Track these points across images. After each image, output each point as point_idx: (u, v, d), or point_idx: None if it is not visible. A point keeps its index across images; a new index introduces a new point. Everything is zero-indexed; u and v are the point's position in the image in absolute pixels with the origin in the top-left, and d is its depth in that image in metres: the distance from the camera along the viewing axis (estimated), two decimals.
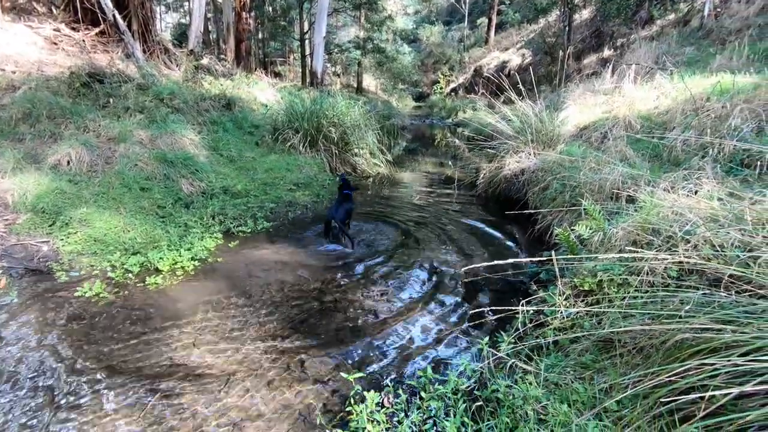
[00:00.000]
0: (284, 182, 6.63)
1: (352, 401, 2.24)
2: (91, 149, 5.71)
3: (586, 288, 2.61)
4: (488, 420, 2.07)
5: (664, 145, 4.41)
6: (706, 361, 1.58)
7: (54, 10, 10.58)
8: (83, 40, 9.52)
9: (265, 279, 3.97)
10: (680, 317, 1.91)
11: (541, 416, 2.03)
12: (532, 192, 5.48)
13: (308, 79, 14.31)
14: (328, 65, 20.71)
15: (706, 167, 3.33)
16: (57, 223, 4.47)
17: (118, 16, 8.78)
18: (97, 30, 9.67)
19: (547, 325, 2.62)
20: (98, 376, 2.63)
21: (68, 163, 5.48)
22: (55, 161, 5.42)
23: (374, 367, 2.80)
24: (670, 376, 1.61)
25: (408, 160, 10.74)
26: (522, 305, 2.62)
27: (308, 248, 4.71)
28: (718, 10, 10.48)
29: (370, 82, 23.22)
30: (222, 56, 16.07)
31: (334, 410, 2.42)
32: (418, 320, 3.37)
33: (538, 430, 1.97)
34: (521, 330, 2.65)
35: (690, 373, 1.64)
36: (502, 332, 2.71)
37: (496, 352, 2.39)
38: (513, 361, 2.35)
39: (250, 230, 5.09)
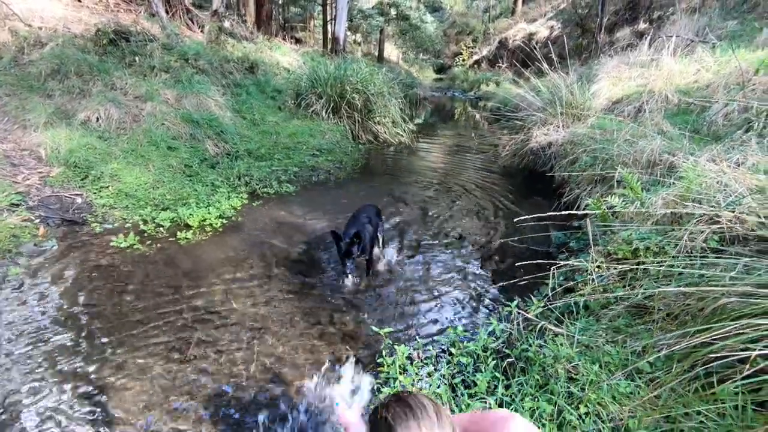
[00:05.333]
0: (307, 147, 6.62)
1: (384, 353, 2.30)
2: (119, 107, 5.76)
3: (620, 256, 2.59)
4: (519, 376, 2.11)
5: (704, 119, 4.25)
6: (752, 321, 1.56)
7: None
8: None
9: (291, 239, 4.03)
10: (723, 284, 1.88)
11: (572, 375, 2.06)
12: (559, 165, 5.37)
13: (330, 45, 14.03)
14: (349, 33, 20.22)
15: (751, 141, 3.21)
16: (89, 177, 4.56)
17: None
18: None
19: (577, 291, 2.62)
20: (137, 320, 2.74)
21: (97, 119, 5.54)
22: (85, 117, 5.49)
23: (402, 325, 2.86)
24: (713, 338, 1.60)
25: (430, 131, 10.59)
26: (553, 271, 2.61)
27: (331, 211, 4.73)
28: None
29: (391, 51, 22.68)
30: (243, 19, 15.80)
31: (364, 361, 2.49)
32: (445, 284, 3.40)
33: (568, 387, 2.00)
34: (551, 295, 2.65)
35: (730, 335, 1.63)
36: (530, 297, 2.73)
37: (525, 314, 2.41)
38: (543, 323, 2.36)
39: (274, 192, 5.13)
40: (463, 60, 25.88)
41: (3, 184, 4.19)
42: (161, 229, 3.95)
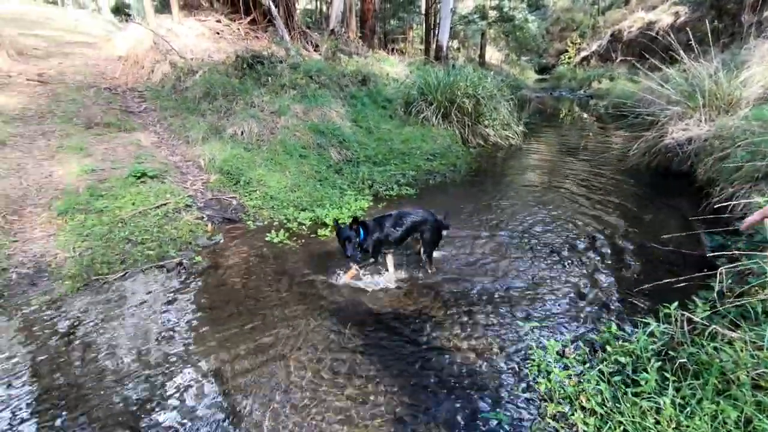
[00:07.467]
0: (420, 152, 6.85)
1: (534, 345, 2.32)
2: (258, 122, 6.55)
3: None
4: (690, 380, 1.98)
5: None
6: None
7: (215, 4, 12.19)
8: (238, 29, 10.83)
9: None
10: None
11: (757, 383, 1.89)
12: (703, 162, 4.85)
13: (433, 54, 14.29)
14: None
15: None
16: (240, 182, 5.26)
17: (272, 4, 9.74)
18: (248, 19, 10.90)
19: (752, 295, 2.37)
20: (297, 300, 3.12)
21: (242, 133, 6.37)
22: (233, 132, 6.35)
23: (546, 323, 2.83)
24: None
25: (539, 132, 10.20)
26: (721, 271, 2.40)
27: (452, 213, 4.81)
28: None
29: (491, 54, 22.28)
30: (346, 35, 16.88)
31: (509, 352, 2.53)
32: (585, 285, 3.29)
33: (754, 395, 1.84)
34: (717, 298, 2.44)
35: None
36: (690, 299, 2.53)
37: (692, 316, 2.25)
38: (714, 327, 2.18)
39: (395, 194, 5.42)
40: (569, 57, 24.39)
41: (177, 189, 5.03)
42: (303, 227, 4.42)
